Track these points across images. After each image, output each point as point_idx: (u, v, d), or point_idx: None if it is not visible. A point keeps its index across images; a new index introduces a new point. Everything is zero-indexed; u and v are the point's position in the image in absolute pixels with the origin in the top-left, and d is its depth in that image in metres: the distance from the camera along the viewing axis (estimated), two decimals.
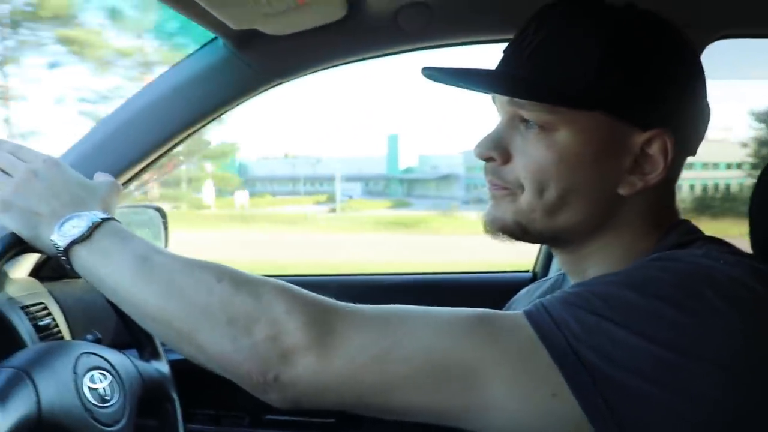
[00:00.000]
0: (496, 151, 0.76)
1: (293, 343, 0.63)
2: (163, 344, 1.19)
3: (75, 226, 0.76)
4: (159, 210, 1.63)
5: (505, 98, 0.76)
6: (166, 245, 1.58)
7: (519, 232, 0.77)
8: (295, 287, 0.68)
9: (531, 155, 0.74)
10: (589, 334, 0.60)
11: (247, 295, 0.66)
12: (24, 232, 0.80)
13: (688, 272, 0.64)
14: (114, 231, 0.76)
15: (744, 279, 0.63)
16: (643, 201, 0.76)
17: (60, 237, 0.75)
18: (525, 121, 0.75)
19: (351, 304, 0.67)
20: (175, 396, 1.19)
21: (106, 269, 0.73)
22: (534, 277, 1.61)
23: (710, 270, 0.64)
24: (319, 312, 0.65)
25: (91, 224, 0.76)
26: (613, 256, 0.76)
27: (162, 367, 1.18)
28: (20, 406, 0.85)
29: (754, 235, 0.85)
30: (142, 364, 1.13)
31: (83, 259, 0.75)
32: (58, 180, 0.82)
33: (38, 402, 0.88)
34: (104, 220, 0.77)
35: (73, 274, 0.77)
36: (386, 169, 34.12)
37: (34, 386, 0.89)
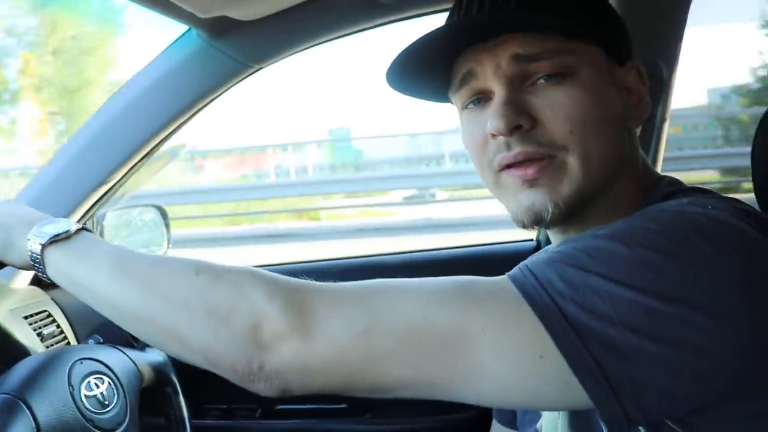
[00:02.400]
0: (523, 117, 0.70)
1: (274, 330, 0.61)
2: None
3: (53, 228, 0.75)
4: (160, 209, 1.62)
5: (504, 59, 0.71)
6: (169, 244, 1.57)
7: (580, 202, 0.72)
8: (273, 274, 0.66)
9: (564, 105, 0.70)
10: (573, 290, 0.58)
11: (225, 284, 0.64)
12: None
13: (674, 220, 0.62)
14: (90, 236, 0.76)
15: (733, 222, 0.61)
16: (635, 142, 0.77)
17: (37, 236, 0.75)
18: (531, 78, 0.71)
19: (330, 283, 0.65)
20: (174, 379, 1.19)
21: (83, 270, 0.72)
22: (538, 245, 1.57)
23: (697, 216, 0.62)
24: (297, 295, 0.63)
25: (69, 228, 0.75)
26: (616, 212, 0.72)
27: (158, 353, 1.17)
28: None
29: (757, 180, 0.81)
30: (137, 355, 1.13)
31: (59, 260, 0.74)
32: (21, 206, 0.85)
33: (37, 428, 0.88)
34: (79, 229, 0.76)
35: (45, 279, 0.76)
36: None
37: (30, 411, 0.88)
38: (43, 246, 0.74)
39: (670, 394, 0.57)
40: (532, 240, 1.62)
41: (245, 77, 1.30)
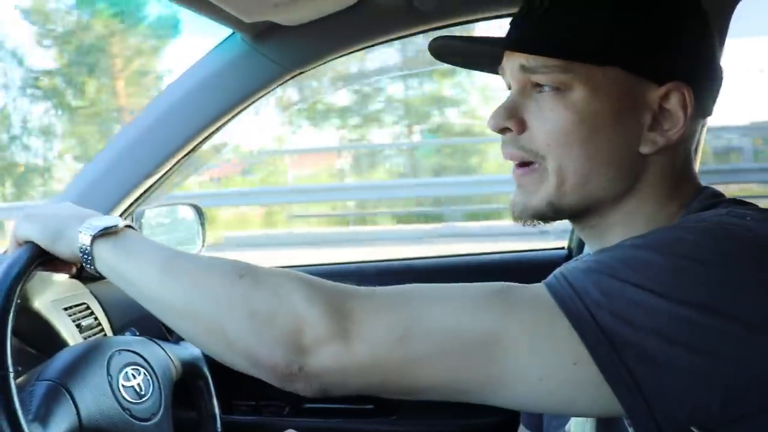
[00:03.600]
0: (511, 120, 0.74)
1: (315, 333, 0.63)
2: None
3: (102, 222, 0.79)
4: (196, 207, 1.65)
5: (516, 66, 0.74)
6: (203, 243, 1.60)
7: (552, 212, 0.75)
8: (313, 277, 0.68)
9: (548, 118, 0.72)
10: (608, 299, 0.58)
11: (268, 288, 0.66)
12: (47, 235, 0.83)
13: (711, 230, 0.62)
14: (136, 234, 0.80)
15: None
16: (665, 162, 0.74)
17: (87, 229, 0.78)
18: (538, 87, 0.73)
19: (368, 288, 0.67)
20: (207, 373, 1.21)
21: (130, 265, 0.75)
22: (569, 254, 1.57)
23: (735, 227, 0.62)
24: (337, 299, 0.65)
25: (117, 222, 0.79)
26: (636, 224, 0.74)
27: (192, 348, 1.20)
28: (61, 423, 0.88)
29: None
30: (172, 347, 1.16)
31: (107, 254, 0.77)
32: (68, 204, 0.89)
33: (78, 414, 0.90)
34: (129, 226, 0.80)
35: (93, 273, 0.79)
36: None
37: (72, 399, 0.91)
38: (93, 238, 0.77)
39: (704, 405, 0.57)
40: (563, 248, 1.62)
41: (286, 81, 1.33)
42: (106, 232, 0.78)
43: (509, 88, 0.79)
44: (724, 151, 8.53)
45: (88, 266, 0.79)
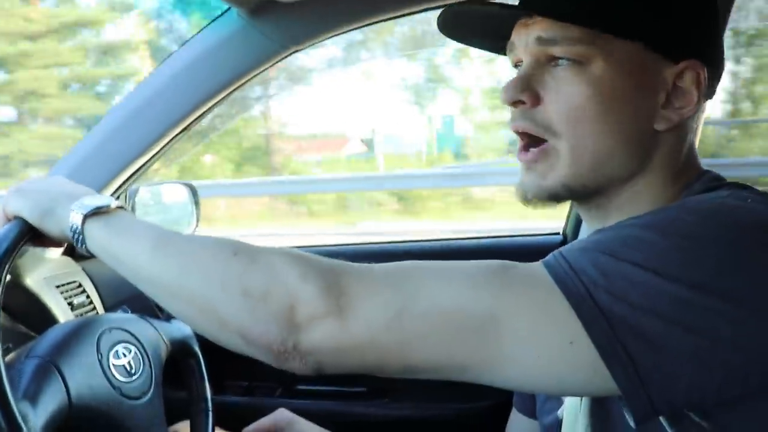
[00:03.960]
0: (526, 93, 0.73)
1: (310, 310, 0.62)
2: None
3: (95, 201, 0.78)
4: (190, 186, 1.64)
5: (531, 39, 0.73)
6: (197, 223, 1.59)
7: (567, 193, 0.74)
8: (308, 254, 0.67)
9: (566, 92, 0.71)
10: (606, 278, 0.58)
11: (262, 265, 0.66)
12: (36, 212, 0.82)
13: (711, 211, 0.62)
14: (128, 214, 0.79)
15: None
16: (674, 141, 0.74)
17: (78, 208, 0.77)
18: (554, 60, 0.72)
19: (364, 265, 0.66)
20: (198, 351, 1.21)
21: (122, 243, 0.74)
22: (564, 240, 1.57)
23: (735, 208, 0.62)
24: (333, 276, 0.64)
25: (109, 202, 0.78)
26: (642, 204, 0.73)
27: (183, 325, 1.19)
28: (51, 401, 0.87)
29: None
30: (162, 325, 1.15)
31: (99, 232, 0.76)
32: (65, 180, 0.88)
33: (67, 392, 0.89)
34: (121, 207, 0.79)
35: (84, 252, 0.78)
36: None
37: (62, 377, 0.90)
38: (85, 217, 0.76)
39: (700, 386, 0.57)
40: (558, 234, 1.61)
41: (282, 58, 1.31)
42: (98, 211, 0.77)
43: (515, 66, 0.78)
44: None
45: (79, 245, 0.78)
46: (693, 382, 0.56)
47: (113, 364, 0.99)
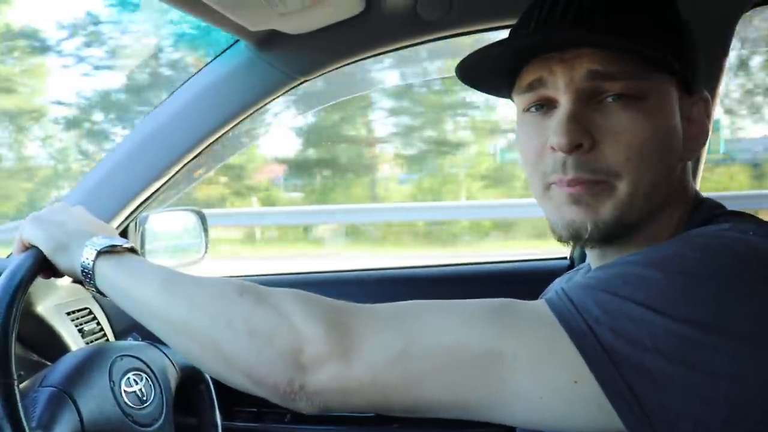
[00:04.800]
0: (585, 136, 0.69)
1: (315, 352, 0.63)
2: None
3: (105, 241, 0.80)
4: (199, 213, 1.65)
5: (581, 74, 0.69)
6: (206, 249, 1.61)
7: (620, 230, 0.71)
8: (314, 295, 0.68)
9: (626, 130, 0.68)
10: (609, 316, 0.58)
11: (268, 306, 0.67)
12: (51, 244, 0.84)
13: (711, 246, 0.62)
14: (138, 256, 0.82)
15: None
16: (685, 171, 0.76)
17: (92, 244, 0.79)
18: (600, 96, 0.69)
19: (368, 305, 0.67)
20: (208, 379, 1.22)
21: (131, 282, 0.76)
22: (571, 264, 1.57)
23: (736, 243, 0.62)
24: (337, 318, 0.65)
25: (121, 242, 0.81)
26: (661, 239, 0.73)
27: None
28: (65, 430, 0.88)
29: None
30: (173, 352, 1.16)
31: (109, 271, 0.78)
32: (83, 212, 0.90)
33: (81, 421, 0.91)
34: (132, 249, 0.82)
35: (92, 289, 0.80)
36: None
37: (75, 405, 0.91)
38: (98, 254, 0.78)
39: (706, 421, 0.56)
40: (565, 258, 1.62)
41: (290, 89, 1.33)
42: (111, 250, 0.79)
43: (531, 106, 0.74)
44: None
45: (88, 281, 0.80)
46: (698, 417, 0.56)
47: (125, 392, 1.01)
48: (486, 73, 0.77)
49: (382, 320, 0.65)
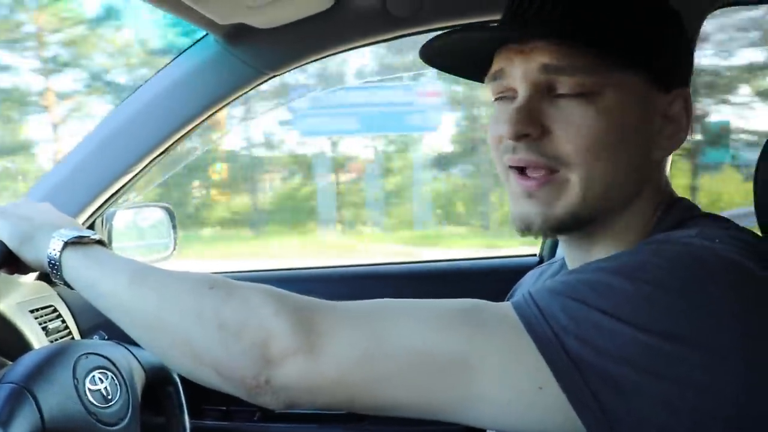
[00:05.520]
0: (532, 126, 0.69)
1: (282, 347, 0.63)
2: None
3: (72, 232, 0.78)
4: (167, 209, 1.63)
5: (534, 66, 0.70)
6: (174, 245, 1.59)
7: (574, 223, 0.72)
8: (283, 291, 0.67)
9: (577, 123, 0.68)
10: (575, 324, 0.58)
11: (237, 300, 0.66)
12: (16, 237, 0.82)
13: (679, 255, 0.62)
14: (106, 248, 0.79)
15: (739, 260, 0.61)
16: (660, 170, 0.76)
17: (58, 236, 0.77)
18: (554, 90, 0.70)
19: (338, 303, 0.66)
20: (176, 377, 1.20)
21: (99, 274, 0.74)
22: (541, 261, 1.58)
23: (703, 251, 0.62)
24: (305, 314, 0.64)
25: (89, 234, 0.78)
26: (630, 234, 0.74)
27: None
28: (23, 425, 0.87)
29: (759, 209, 0.82)
30: (142, 353, 1.14)
31: (76, 262, 0.76)
32: (49, 207, 0.88)
33: (41, 417, 0.90)
34: (100, 241, 0.80)
35: (59, 281, 0.78)
36: None
37: (35, 401, 0.90)
38: (65, 245, 0.76)
39: (670, 431, 0.57)
40: (535, 255, 1.63)
41: (259, 84, 1.32)
42: (78, 241, 0.77)
43: (499, 95, 0.75)
44: None
45: (54, 273, 0.78)
46: (663, 427, 0.56)
47: (89, 390, 0.99)
48: (457, 60, 0.78)
49: (350, 318, 0.64)
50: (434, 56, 0.78)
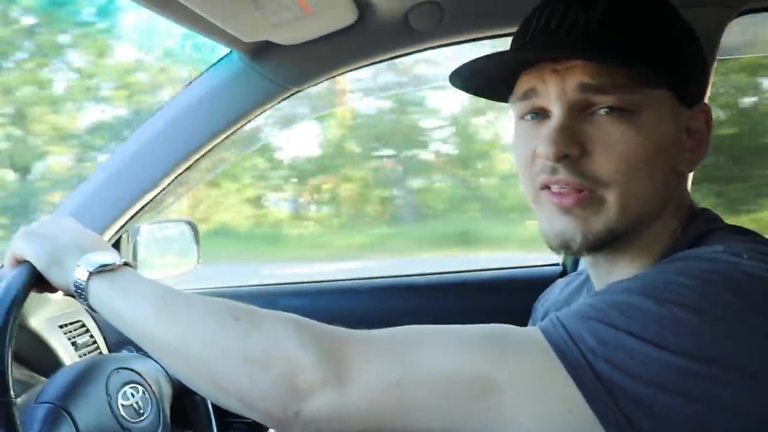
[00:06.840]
0: (573, 146, 0.69)
1: (310, 379, 0.63)
2: None
3: (101, 258, 0.79)
4: (190, 224, 1.65)
5: (570, 85, 0.69)
6: (198, 259, 1.60)
7: (611, 239, 0.71)
8: (308, 321, 0.68)
9: (617, 141, 0.68)
10: (604, 347, 0.58)
11: (263, 332, 0.67)
12: (44, 260, 0.83)
13: (707, 274, 0.61)
14: (132, 271, 0.80)
15: (765, 276, 0.61)
16: (683, 182, 0.76)
17: (86, 264, 0.78)
18: (590, 108, 0.69)
19: (363, 332, 0.67)
20: None
21: (125, 303, 0.75)
22: (564, 271, 1.58)
23: (731, 269, 0.61)
24: (332, 344, 0.65)
25: (116, 260, 0.79)
26: (656, 248, 0.74)
27: None
28: None
29: None
30: None
31: (103, 290, 0.77)
32: (74, 224, 0.89)
33: None
34: (126, 263, 0.80)
35: (86, 307, 0.79)
36: None
37: (72, 420, 0.91)
38: (90, 275, 0.77)
39: None
40: (558, 264, 1.63)
41: (283, 99, 1.34)
42: (104, 269, 0.78)
43: (527, 114, 0.74)
44: None
45: (81, 300, 0.79)
46: None
47: (122, 405, 1.00)
48: (485, 82, 0.78)
49: (376, 347, 0.65)
50: (464, 80, 0.77)
